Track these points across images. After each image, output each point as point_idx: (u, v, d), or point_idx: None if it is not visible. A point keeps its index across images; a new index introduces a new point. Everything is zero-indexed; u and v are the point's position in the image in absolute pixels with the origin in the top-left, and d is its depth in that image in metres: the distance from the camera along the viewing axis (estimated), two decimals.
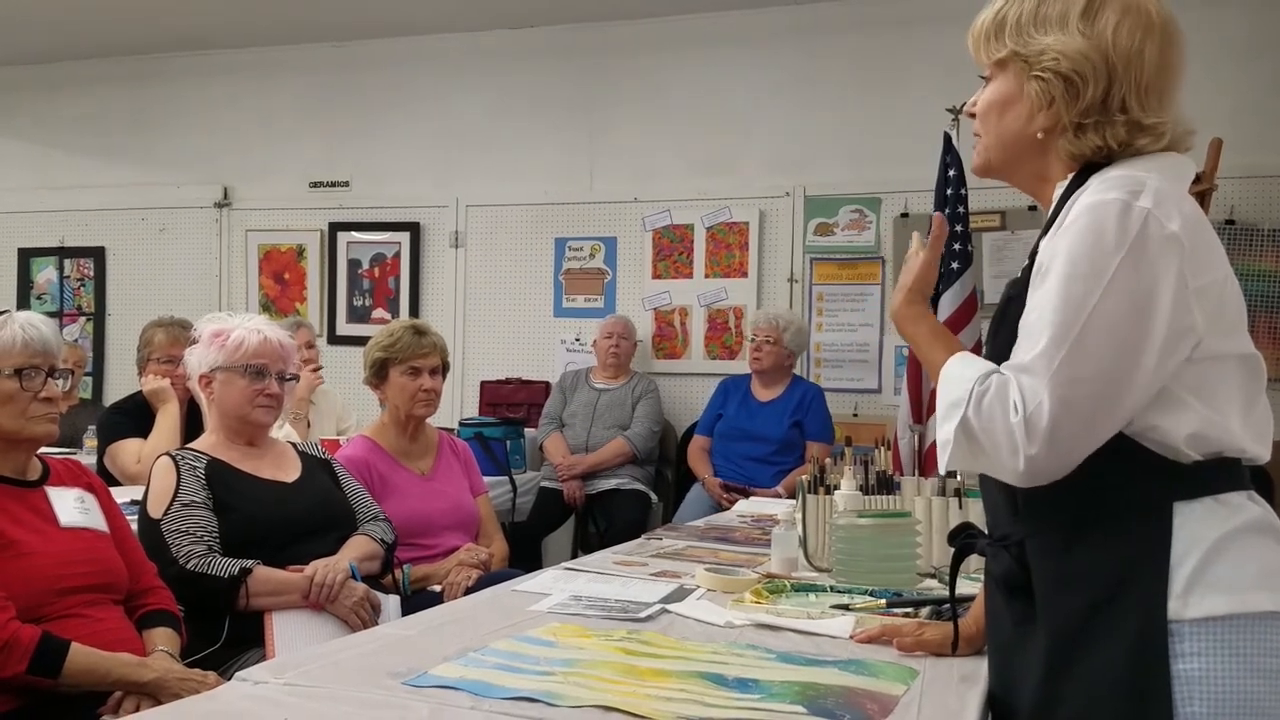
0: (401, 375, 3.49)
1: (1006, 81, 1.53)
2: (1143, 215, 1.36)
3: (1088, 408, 1.36)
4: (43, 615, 2.17)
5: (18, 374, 2.27)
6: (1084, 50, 1.46)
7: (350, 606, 2.72)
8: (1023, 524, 1.50)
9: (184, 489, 2.73)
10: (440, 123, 6.58)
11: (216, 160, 7.02)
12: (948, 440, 1.42)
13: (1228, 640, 1.36)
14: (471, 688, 1.59)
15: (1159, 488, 1.41)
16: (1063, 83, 1.46)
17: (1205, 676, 1.36)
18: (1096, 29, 1.46)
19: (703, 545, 3.00)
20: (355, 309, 6.75)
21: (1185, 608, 1.37)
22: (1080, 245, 1.38)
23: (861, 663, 1.78)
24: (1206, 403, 1.41)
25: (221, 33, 6.69)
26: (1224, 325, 1.42)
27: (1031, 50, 1.49)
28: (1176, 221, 1.37)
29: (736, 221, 6.05)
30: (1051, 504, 1.44)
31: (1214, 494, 1.41)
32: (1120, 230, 1.36)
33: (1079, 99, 1.46)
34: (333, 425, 5.00)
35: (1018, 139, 1.53)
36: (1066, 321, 1.36)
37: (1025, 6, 1.51)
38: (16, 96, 7.46)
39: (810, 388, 5.50)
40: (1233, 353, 1.44)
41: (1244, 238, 5.12)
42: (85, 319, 7.29)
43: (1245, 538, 1.40)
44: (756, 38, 6.02)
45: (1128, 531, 1.41)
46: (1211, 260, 1.41)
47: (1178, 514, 1.40)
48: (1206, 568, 1.38)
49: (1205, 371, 1.41)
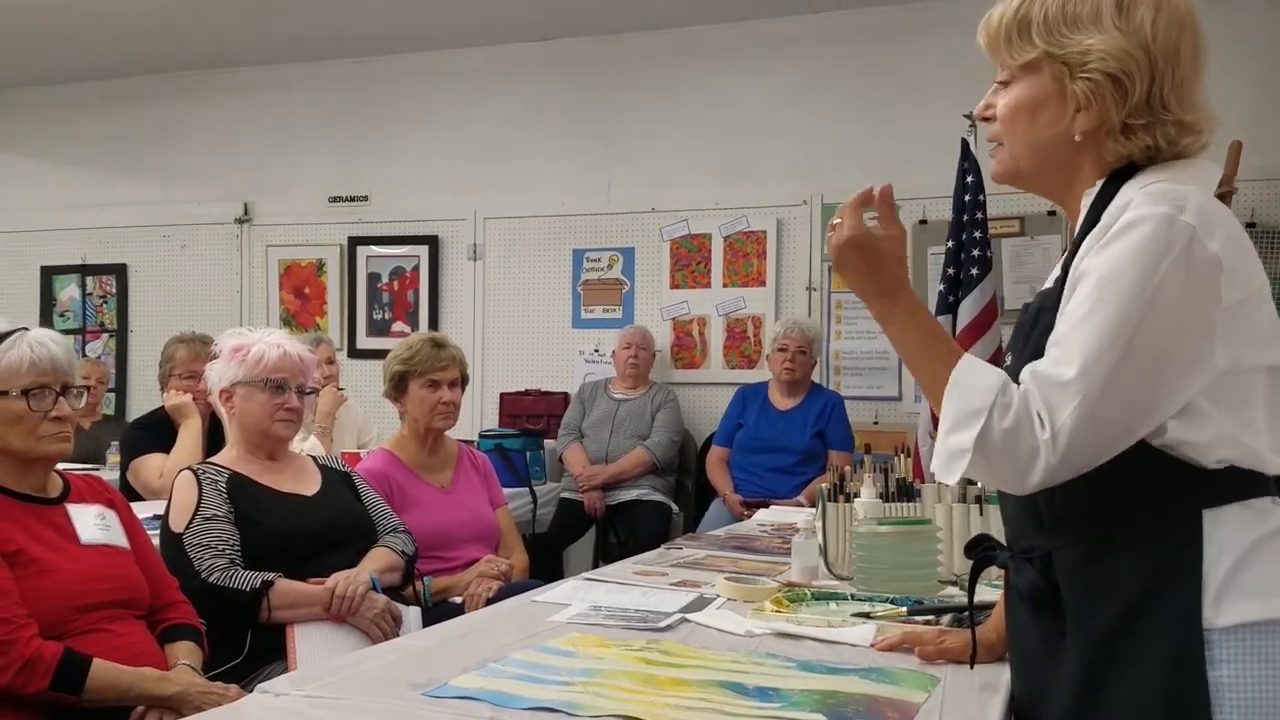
0: (421, 388, 3.49)
1: (1038, 83, 1.47)
2: (1188, 233, 1.33)
3: (1115, 427, 1.33)
4: (64, 632, 2.18)
5: (25, 395, 2.27)
6: (1127, 48, 1.41)
7: (371, 618, 2.73)
8: (1048, 536, 1.47)
9: (206, 503, 2.74)
10: (458, 136, 6.60)
11: (237, 176, 7.06)
12: (964, 450, 1.36)
13: (1259, 647, 1.34)
14: (491, 698, 1.59)
15: (1186, 495, 1.38)
16: (1111, 82, 1.41)
17: (1237, 684, 1.34)
18: (1134, 25, 1.42)
19: (723, 554, 2.99)
20: (375, 322, 6.78)
21: (1219, 615, 1.35)
22: (1124, 260, 1.33)
23: (882, 671, 1.77)
24: (1232, 412, 1.38)
25: (240, 50, 6.74)
26: (1258, 337, 1.39)
27: (1070, 51, 1.43)
28: (1218, 240, 1.34)
29: (754, 230, 6.05)
30: (1078, 515, 1.42)
31: (1242, 499, 1.39)
32: (1165, 248, 1.32)
33: (1127, 99, 1.41)
34: (354, 439, 5.03)
35: (1053, 143, 1.47)
36: (1104, 337, 1.32)
37: (1050, 4, 1.45)
38: (38, 115, 7.52)
39: (831, 396, 5.48)
40: (1263, 364, 1.40)
41: (1265, 240, 5.08)
42: (108, 336, 7.34)
43: (1276, 543, 1.38)
44: (771, 46, 6.02)
45: (1157, 540, 1.39)
46: (1250, 273, 1.39)
47: (1207, 520, 1.38)
48: (1239, 574, 1.36)
49: (1233, 383, 1.38)
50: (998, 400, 1.34)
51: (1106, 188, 1.45)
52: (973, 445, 1.35)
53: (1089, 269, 1.37)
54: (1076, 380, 1.32)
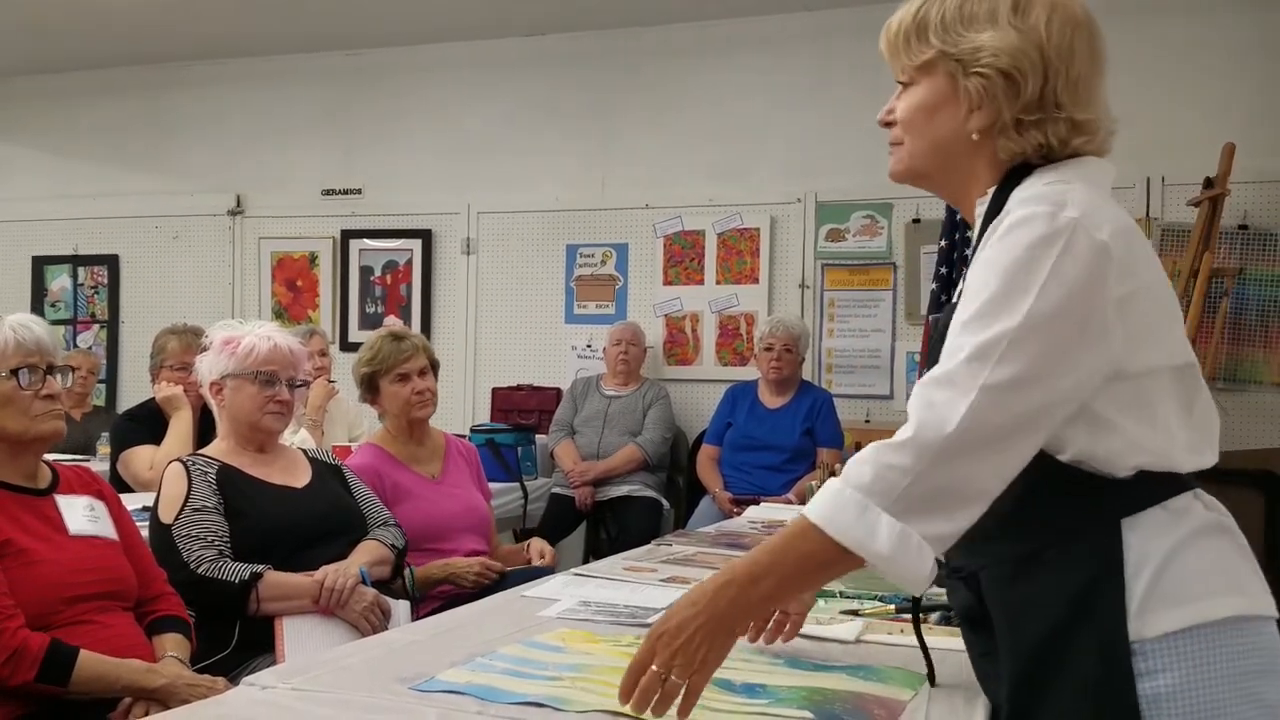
0: (392, 384, 3.47)
1: (935, 83, 1.47)
2: (1070, 225, 1.32)
3: (1009, 422, 1.29)
4: (52, 623, 2.17)
5: (14, 374, 2.27)
6: (1020, 45, 1.41)
7: (360, 611, 2.72)
8: (976, 555, 1.45)
9: (195, 494, 2.74)
10: (452, 130, 6.60)
11: (229, 168, 7.05)
12: (896, 530, 1.29)
13: (1191, 653, 1.32)
14: (479, 693, 1.59)
15: (1103, 506, 1.36)
16: (1003, 79, 1.41)
17: (1174, 694, 1.31)
18: (1029, 24, 1.42)
19: (713, 551, 2.99)
20: (367, 316, 6.77)
21: (1145, 626, 1.33)
22: (1006, 257, 1.32)
23: (869, 668, 1.77)
24: (1138, 418, 1.36)
25: (234, 42, 6.73)
26: (1151, 333, 1.37)
27: (964, 48, 1.43)
28: (1105, 231, 1.33)
29: (748, 228, 6.06)
30: (998, 535, 1.39)
31: (1159, 502, 1.37)
32: (1049, 240, 1.31)
33: (1019, 95, 1.41)
34: (344, 432, 5.02)
35: (951, 141, 1.47)
36: (994, 331, 1.30)
37: (948, 5, 1.45)
38: (30, 105, 7.50)
39: (820, 394, 5.49)
40: (1165, 365, 1.38)
41: (1257, 243, 5.09)
42: (99, 326, 7.32)
43: (1197, 543, 1.36)
44: (768, 44, 6.02)
45: (1078, 554, 1.36)
46: (1141, 263, 1.37)
47: (1125, 530, 1.35)
48: (1161, 581, 1.33)
49: (1137, 389, 1.36)
50: (849, 484, 1.32)
51: (999, 195, 1.44)
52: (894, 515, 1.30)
53: (973, 275, 1.36)
54: (966, 376, 1.30)
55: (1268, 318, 4.97)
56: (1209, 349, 4.73)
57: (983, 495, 1.32)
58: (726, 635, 1.38)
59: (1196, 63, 5.29)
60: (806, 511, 1.35)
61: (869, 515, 1.30)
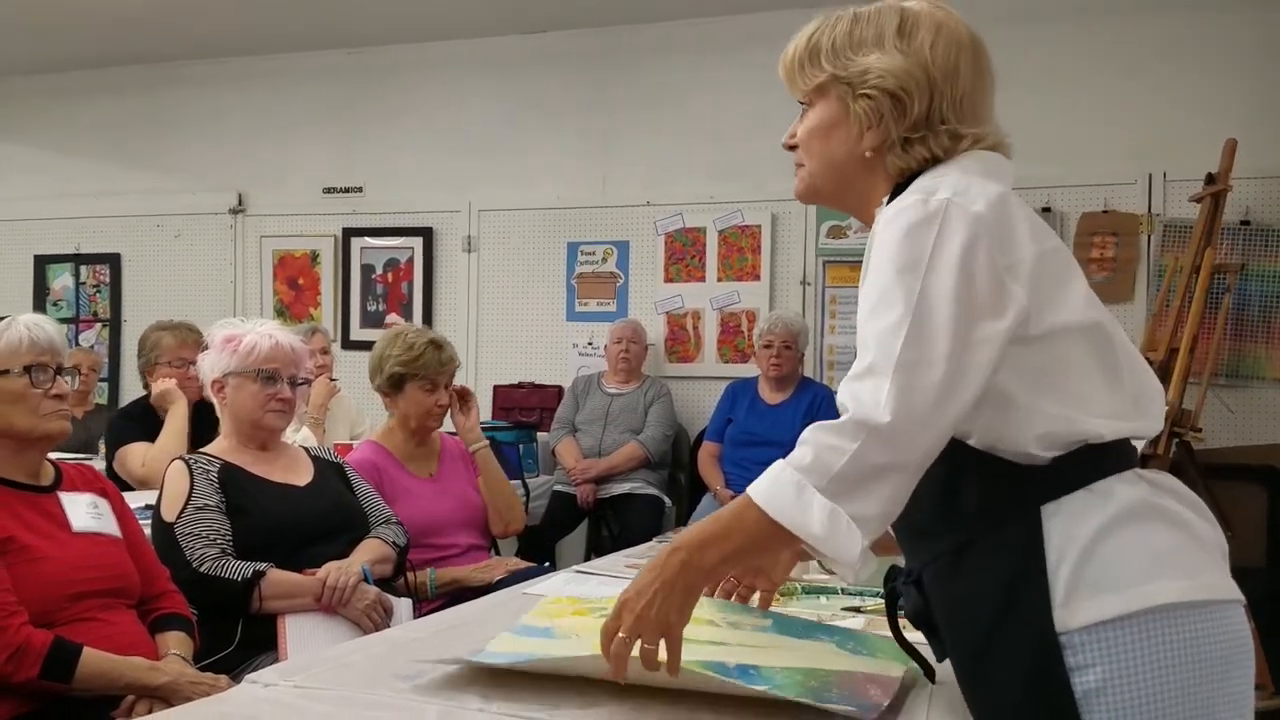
0: (419, 390, 3.47)
1: (828, 106, 1.52)
2: (942, 204, 1.35)
3: (931, 395, 1.30)
4: (55, 620, 2.18)
5: (27, 371, 2.29)
6: (906, 67, 1.46)
7: (362, 609, 2.73)
8: (918, 555, 1.46)
9: (197, 493, 2.74)
10: (453, 128, 6.59)
11: (231, 167, 7.04)
12: (831, 512, 1.32)
13: (1123, 644, 1.29)
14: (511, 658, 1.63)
15: (1021, 494, 1.35)
16: (890, 100, 1.46)
17: (1107, 687, 1.28)
18: (914, 46, 1.47)
19: None
20: (369, 314, 6.77)
21: (1071, 616, 1.30)
22: (889, 248, 1.36)
23: (859, 638, 1.78)
24: (1052, 397, 1.36)
25: (235, 40, 6.72)
26: (1045, 295, 1.37)
27: (853, 71, 1.48)
28: (980, 203, 1.36)
29: (749, 224, 6.05)
30: (934, 530, 1.40)
31: (1084, 485, 1.35)
32: (925, 223, 1.34)
33: (906, 114, 1.46)
34: (346, 430, 5.02)
35: (845, 161, 1.52)
36: (894, 316, 1.33)
37: (838, 31, 1.51)
38: (31, 104, 7.50)
39: (820, 389, 5.48)
40: (1072, 323, 1.38)
41: (1259, 238, 5.09)
42: (101, 325, 7.33)
43: (1126, 526, 1.33)
44: (769, 40, 5.97)
45: (1000, 547, 1.35)
46: (1021, 232, 1.38)
47: (1045, 517, 1.34)
48: (1085, 568, 1.31)
49: (1042, 356, 1.36)
50: (790, 464, 1.35)
51: (890, 204, 1.46)
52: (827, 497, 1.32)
53: (868, 275, 1.41)
54: (883, 363, 1.32)
55: (1270, 313, 4.96)
56: (1211, 345, 4.73)
57: (906, 471, 1.32)
58: (683, 595, 1.42)
59: (1198, 59, 5.28)
60: (750, 490, 1.38)
61: (805, 495, 1.33)
